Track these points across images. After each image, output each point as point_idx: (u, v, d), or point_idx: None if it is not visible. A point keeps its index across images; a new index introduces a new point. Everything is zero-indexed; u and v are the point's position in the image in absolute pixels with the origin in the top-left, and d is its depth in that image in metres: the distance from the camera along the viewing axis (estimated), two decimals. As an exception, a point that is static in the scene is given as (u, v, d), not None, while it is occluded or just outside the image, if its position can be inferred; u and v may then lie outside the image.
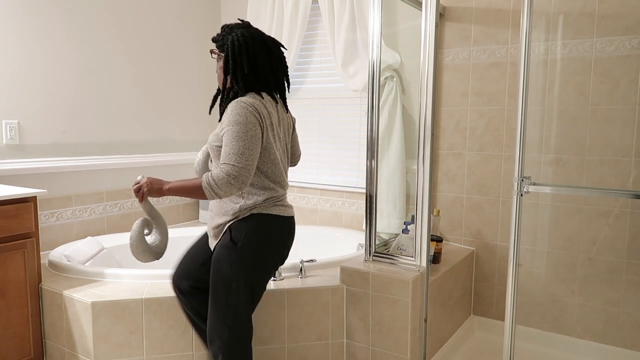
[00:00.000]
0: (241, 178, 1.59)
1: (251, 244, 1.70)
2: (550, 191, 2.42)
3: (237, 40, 1.67)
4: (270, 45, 1.73)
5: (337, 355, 2.16)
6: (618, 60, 2.29)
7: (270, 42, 1.75)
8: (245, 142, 1.59)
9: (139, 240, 1.79)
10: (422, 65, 2.03)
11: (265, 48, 1.71)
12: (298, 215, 3.40)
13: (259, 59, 1.69)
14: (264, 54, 1.70)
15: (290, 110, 1.99)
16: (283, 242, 1.81)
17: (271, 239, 1.76)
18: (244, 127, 1.60)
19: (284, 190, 1.79)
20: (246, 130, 1.60)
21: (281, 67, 1.78)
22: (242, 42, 1.67)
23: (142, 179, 1.74)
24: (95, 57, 2.87)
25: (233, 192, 1.62)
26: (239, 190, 1.63)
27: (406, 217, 2.76)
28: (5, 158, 2.51)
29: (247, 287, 1.72)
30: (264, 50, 1.71)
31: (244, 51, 1.67)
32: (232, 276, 1.69)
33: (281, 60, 1.78)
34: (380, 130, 2.60)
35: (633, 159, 2.29)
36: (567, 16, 2.40)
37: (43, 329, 2.16)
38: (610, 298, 2.39)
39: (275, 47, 1.75)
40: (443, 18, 2.71)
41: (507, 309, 1.98)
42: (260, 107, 1.65)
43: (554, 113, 2.47)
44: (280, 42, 1.80)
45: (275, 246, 1.79)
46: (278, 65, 1.77)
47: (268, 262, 1.79)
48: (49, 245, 2.65)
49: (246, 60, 1.68)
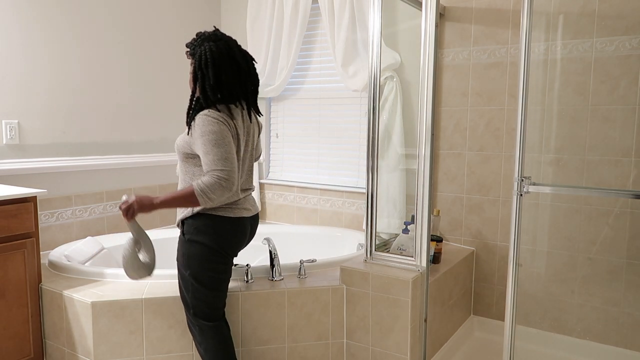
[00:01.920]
0: (231, 180, 1.68)
1: (196, 240, 1.82)
2: (550, 191, 2.42)
3: (204, 55, 1.74)
4: (238, 59, 1.80)
5: (337, 355, 2.16)
6: (618, 60, 2.29)
7: (240, 57, 1.81)
8: (225, 148, 1.69)
9: (134, 258, 1.84)
10: (422, 65, 2.03)
11: (232, 62, 1.78)
12: (298, 215, 3.41)
13: (224, 74, 1.76)
14: (231, 69, 1.78)
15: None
16: (229, 240, 1.86)
17: (216, 236, 1.83)
18: (219, 134, 1.69)
19: (237, 196, 1.85)
20: (222, 137, 1.69)
21: (250, 79, 1.86)
22: (209, 57, 1.74)
23: (129, 197, 1.78)
24: (96, 57, 2.87)
25: (225, 195, 1.69)
26: (230, 193, 1.69)
27: (406, 217, 2.76)
28: (5, 158, 2.51)
29: (191, 277, 1.84)
30: (231, 64, 1.78)
31: (210, 66, 1.74)
32: (181, 265, 1.87)
33: (250, 73, 1.85)
34: (380, 130, 2.60)
35: (633, 159, 2.29)
36: (567, 16, 2.40)
37: (43, 329, 2.16)
38: (610, 298, 2.39)
39: (244, 61, 1.82)
40: (443, 18, 2.71)
41: (507, 309, 1.98)
42: (227, 118, 1.74)
43: (554, 113, 2.47)
44: (251, 56, 1.88)
45: (219, 244, 1.84)
46: (247, 78, 1.84)
47: (210, 258, 1.84)
48: (49, 245, 2.65)
49: (212, 73, 1.74)
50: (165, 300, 1.99)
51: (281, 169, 3.54)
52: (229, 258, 1.90)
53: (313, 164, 3.38)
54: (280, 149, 3.53)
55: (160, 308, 1.98)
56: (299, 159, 3.45)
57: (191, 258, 1.83)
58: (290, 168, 3.50)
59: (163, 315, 1.98)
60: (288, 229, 3.22)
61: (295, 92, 3.40)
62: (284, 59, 3.24)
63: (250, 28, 3.38)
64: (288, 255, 3.04)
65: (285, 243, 3.16)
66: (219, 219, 1.83)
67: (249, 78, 1.84)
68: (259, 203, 3.53)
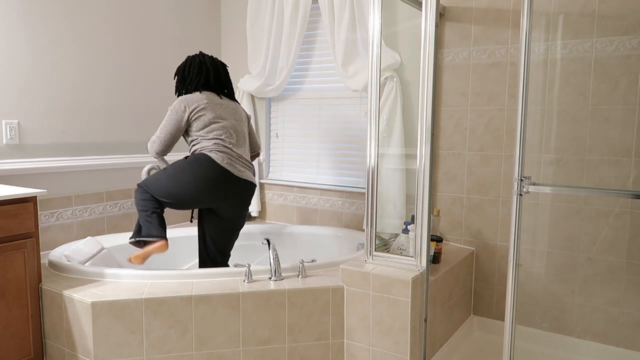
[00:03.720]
0: (151, 142, 2.47)
1: None
2: (550, 191, 2.42)
3: (182, 65, 2.53)
4: (207, 64, 2.47)
5: (337, 355, 2.16)
6: (618, 61, 2.29)
7: (209, 62, 2.48)
8: (165, 121, 2.44)
9: None
10: (422, 65, 2.03)
11: (200, 67, 2.47)
12: (298, 215, 3.41)
13: (188, 74, 2.49)
14: (196, 70, 2.47)
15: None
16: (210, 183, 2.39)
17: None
18: (171, 112, 2.42)
19: (223, 146, 2.38)
20: (169, 115, 2.43)
21: (216, 76, 2.49)
22: (182, 65, 2.52)
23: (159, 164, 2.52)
24: (96, 57, 2.87)
25: (151, 151, 2.47)
26: (152, 151, 2.47)
27: (406, 217, 2.76)
28: (5, 158, 2.51)
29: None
30: (198, 68, 2.47)
31: (180, 71, 2.52)
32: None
33: (217, 73, 2.49)
34: (380, 130, 2.60)
35: (633, 159, 2.29)
36: (567, 16, 2.40)
37: (43, 329, 2.16)
38: (610, 298, 2.39)
39: (211, 64, 2.47)
40: (443, 18, 2.71)
41: (507, 309, 1.98)
42: (191, 97, 2.41)
43: (554, 113, 2.47)
44: (222, 63, 2.54)
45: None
46: (208, 75, 2.47)
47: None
48: (49, 245, 2.65)
49: (180, 76, 2.53)
50: (165, 300, 1.99)
51: (281, 169, 3.54)
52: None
53: (313, 164, 3.38)
54: (280, 149, 3.54)
55: (160, 308, 1.98)
56: (299, 159, 3.45)
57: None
58: (290, 168, 3.50)
59: (163, 315, 1.99)
60: (288, 229, 3.22)
61: (295, 92, 3.40)
62: (284, 59, 3.24)
63: (250, 28, 3.38)
64: (288, 255, 3.04)
65: (285, 243, 3.16)
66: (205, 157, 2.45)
67: (215, 75, 2.48)
68: (259, 203, 3.53)
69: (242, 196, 2.44)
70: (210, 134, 2.36)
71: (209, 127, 2.37)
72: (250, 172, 2.46)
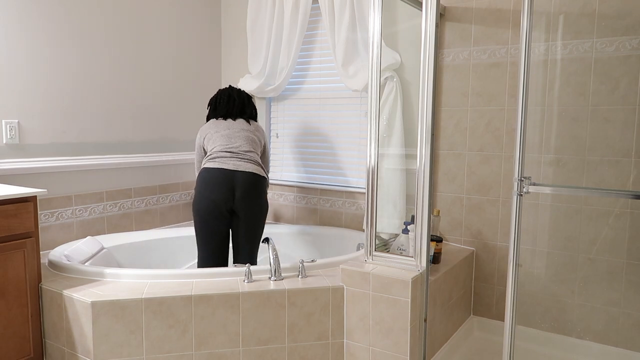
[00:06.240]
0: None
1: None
2: (550, 191, 2.42)
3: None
4: (229, 93, 2.81)
5: (337, 355, 2.16)
6: (618, 61, 2.29)
7: (229, 91, 2.82)
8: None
9: None
10: (422, 65, 2.03)
11: (223, 97, 2.82)
12: (298, 215, 3.41)
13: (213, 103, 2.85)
14: (217, 100, 2.82)
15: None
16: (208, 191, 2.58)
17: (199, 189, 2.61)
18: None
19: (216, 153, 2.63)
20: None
21: (230, 103, 2.78)
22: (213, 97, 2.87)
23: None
24: (96, 57, 2.87)
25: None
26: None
27: (406, 217, 2.76)
28: (5, 158, 2.51)
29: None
30: (221, 97, 2.81)
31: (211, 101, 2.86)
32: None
33: (229, 101, 2.78)
34: (380, 130, 2.60)
35: (633, 159, 2.29)
36: (567, 16, 2.40)
37: (43, 328, 2.16)
38: (610, 298, 2.39)
39: (232, 93, 2.81)
40: (443, 18, 2.71)
41: (507, 309, 1.98)
42: (204, 127, 2.78)
43: (554, 113, 2.47)
44: (241, 91, 2.85)
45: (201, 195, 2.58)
46: (228, 102, 2.78)
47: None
48: (49, 245, 2.65)
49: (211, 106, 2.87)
50: (165, 300, 1.99)
51: (281, 169, 3.54)
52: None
53: (313, 164, 3.38)
54: (280, 149, 3.54)
55: (160, 308, 1.98)
56: (299, 158, 3.45)
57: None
58: (290, 168, 3.50)
59: (163, 315, 1.99)
60: (288, 229, 3.22)
61: (295, 92, 3.40)
62: (284, 59, 3.24)
63: (250, 28, 3.38)
64: (288, 255, 3.05)
65: (285, 243, 3.17)
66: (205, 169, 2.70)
67: (230, 103, 2.78)
68: (259, 203, 3.53)
69: (245, 186, 2.54)
70: (210, 151, 2.66)
71: (211, 147, 2.67)
72: (251, 165, 2.58)
